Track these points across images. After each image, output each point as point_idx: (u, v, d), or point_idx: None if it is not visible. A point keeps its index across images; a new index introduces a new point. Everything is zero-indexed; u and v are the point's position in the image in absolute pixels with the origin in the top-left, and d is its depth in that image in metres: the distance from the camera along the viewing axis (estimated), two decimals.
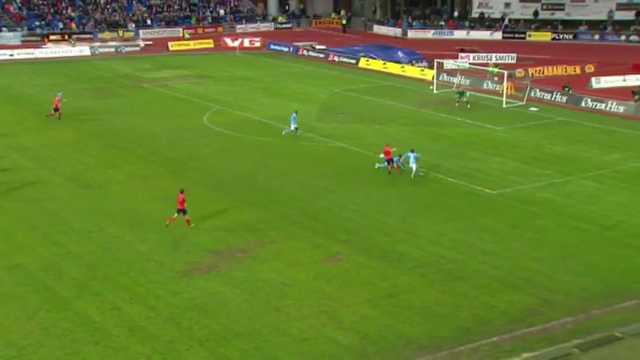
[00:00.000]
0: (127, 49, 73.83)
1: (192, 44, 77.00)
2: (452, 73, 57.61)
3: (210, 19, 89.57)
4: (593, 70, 61.23)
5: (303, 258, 24.96)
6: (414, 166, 32.92)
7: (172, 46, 75.90)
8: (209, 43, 77.59)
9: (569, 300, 22.25)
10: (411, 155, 32.99)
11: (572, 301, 22.15)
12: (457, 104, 47.65)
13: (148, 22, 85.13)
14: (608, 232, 27.46)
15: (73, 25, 79.85)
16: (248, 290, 22.66)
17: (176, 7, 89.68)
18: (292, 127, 39.83)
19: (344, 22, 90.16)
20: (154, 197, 30.80)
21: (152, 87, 55.43)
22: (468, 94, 47.86)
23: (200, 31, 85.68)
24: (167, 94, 52.49)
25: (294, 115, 40.15)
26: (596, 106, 48.30)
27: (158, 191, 31.55)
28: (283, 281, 23.24)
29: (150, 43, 77.45)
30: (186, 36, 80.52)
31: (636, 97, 49.28)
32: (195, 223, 27.67)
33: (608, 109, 47.61)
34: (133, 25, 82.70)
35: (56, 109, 43.69)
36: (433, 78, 55.56)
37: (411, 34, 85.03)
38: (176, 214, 27.23)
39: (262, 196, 31.07)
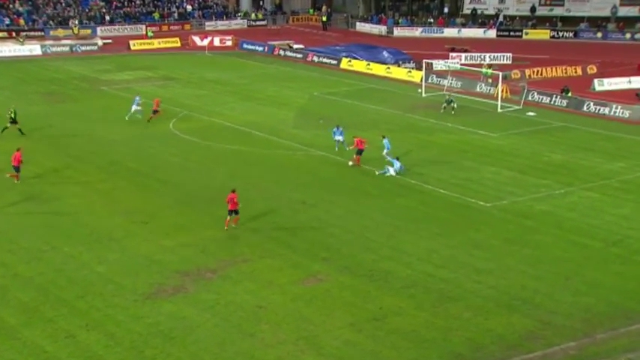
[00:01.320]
0: (83, 48, 73.57)
1: (157, 43, 76.89)
2: (442, 74, 58.08)
3: (176, 15, 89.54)
4: (595, 71, 62.01)
5: (280, 278, 24.93)
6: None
7: (134, 45, 75.75)
8: (175, 42, 77.53)
9: (571, 322, 22.41)
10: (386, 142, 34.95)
11: (575, 324, 22.32)
12: (443, 110, 47.99)
13: (107, 18, 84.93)
14: (612, 247, 27.75)
15: (22, 22, 79.40)
16: (219, 314, 22.59)
17: (138, 1, 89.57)
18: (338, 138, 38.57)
19: (324, 18, 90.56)
20: (114, 212, 30.64)
21: (112, 90, 55.24)
22: (454, 104, 47.98)
23: (165, 28, 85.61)
24: (128, 98, 52.28)
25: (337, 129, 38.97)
26: (599, 110, 48.90)
27: (118, 205, 31.40)
28: (258, 304, 23.19)
29: (109, 41, 77.23)
30: (150, 34, 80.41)
31: None
32: (159, 241, 27.56)
33: (612, 113, 48.22)
34: (90, 22, 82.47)
35: (156, 111, 44.59)
36: (421, 80, 55.98)
37: (397, 32, 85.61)
38: (229, 216, 28.44)
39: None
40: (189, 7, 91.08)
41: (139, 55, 72.14)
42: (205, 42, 76.13)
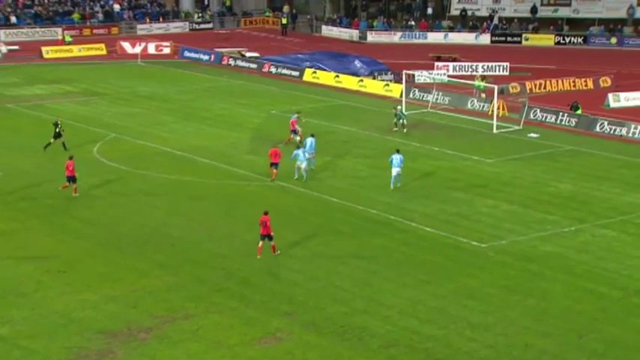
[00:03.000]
0: None
1: (76, 50, 76.71)
2: (426, 88, 58.62)
3: (100, 15, 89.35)
4: (609, 84, 63.00)
5: (231, 338, 24.74)
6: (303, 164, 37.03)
7: (48, 52, 75.45)
8: (100, 49, 77.36)
9: None
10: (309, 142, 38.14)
11: None
12: (396, 128, 48.42)
13: (13, 19, 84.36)
14: (634, 297, 27.97)
15: None
16: None
17: None
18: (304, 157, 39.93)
19: (284, 21, 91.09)
20: (23, 259, 30.27)
21: (20, 108, 54.82)
22: (404, 120, 48.38)
23: (87, 32, 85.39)
24: (41, 117, 51.86)
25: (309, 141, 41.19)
26: (614, 131, 49.65)
27: (29, 250, 31.05)
28: None
29: (15, 47, 76.83)
30: (68, 39, 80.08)
31: None
32: (79, 294, 27.23)
33: (630, 135, 48.96)
34: None
35: (294, 131, 45.13)
36: (401, 95, 56.45)
37: (372, 37, 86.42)
38: (261, 242, 29.83)
39: (175, 255, 30.83)
40: (116, 7, 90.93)
41: (54, 64, 71.78)
42: (137, 49, 76.01)
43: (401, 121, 48.62)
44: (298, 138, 43.93)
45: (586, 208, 36.48)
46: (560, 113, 52.16)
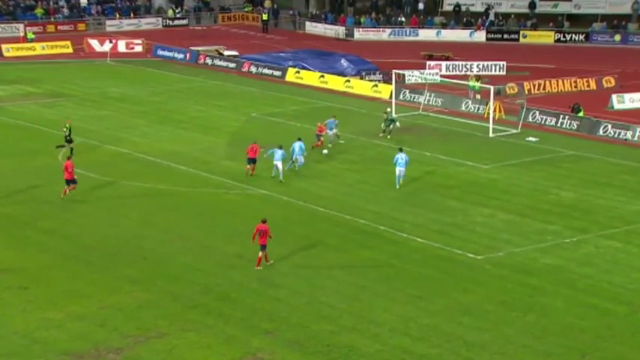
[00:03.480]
0: None
1: (40, 48, 76.57)
2: (417, 89, 58.71)
3: (66, 11, 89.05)
4: (613, 84, 63.29)
5: (208, 358, 24.64)
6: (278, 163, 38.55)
7: (8, 50, 75.24)
8: (66, 47, 77.18)
9: None
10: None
11: None
12: (382, 134, 48.39)
13: None
14: None
15: None
16: None
17: None
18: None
19: (265, 17, 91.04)
20: None
21: None
22: (397, 124, 48.35)
23: (51, 28, 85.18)
24: (1, 120, 51.67)
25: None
26: (619, 134, 49.84)
27: None
28: None
29: None
30: (30, 36, 79.95)
31: None
32: (43, 312, 27.04)
33: (636, 138, 49.13)
34: None
35: (319, 134, 45.85)
36: (391, 96, 56.52)
37: (359, 34, 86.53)
38: (260, 252, 30.44)
39: (147, 269, 30.72)
40: (83, 1, 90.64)
41: (15, 63, 71.54)
42: (107, 47, 75.91)
43: (391, 126, 48.38)
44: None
45: (589, 218, 36.59)
46: (561, 116, 52.33)
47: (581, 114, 52.36)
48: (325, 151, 44.31)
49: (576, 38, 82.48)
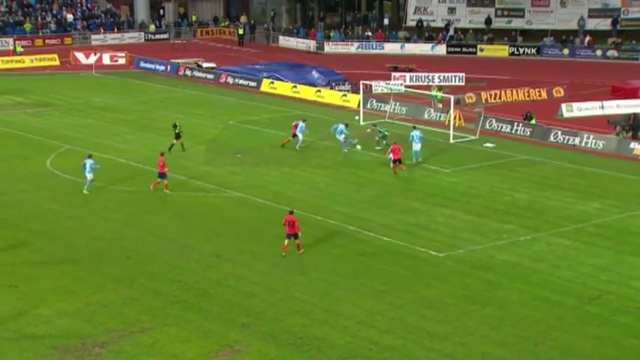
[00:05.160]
0: None
1: (28, 61, 76.15)
2: (383, 98, 58.88)
3: (53, 25, 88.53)
4: (562, 94, 63.79)
5: (188, 351, 24.58)
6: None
7: None
8: (52, 60, 76.78)
9: None
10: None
11: None
12: (379, 147, 47.99)
13: None
14: (589, 306, 28.24)
15: None
16: None
17: (3, 8, 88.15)
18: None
19: (240, 31, 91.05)
20: None
21: None
22: (384, 136, 48.09)
23: (39, 42, 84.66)
24: None
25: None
26: (568, 140, 50.24)
27: None
28: None
29: None
30: (19, 49, 79.56)
31: (618, 129, 51.46)
32: (32, 309, 26.87)
33: (583, 144, 49.57)
34: None
35: (295, 135, 46.88)
36: (359, 105, 56.61)
37: (329, 47, 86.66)
38: (287, 240, 31.19)
39: (130, 268, 30.60)
40: (69, 17, 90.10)
41: (5, 75, 71.07)
42: (92, 59, 75.50)
43: (384, 142, 46.92)
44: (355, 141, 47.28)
45: (541, 217, 36.82)
46: (515, 123, 52.65)
47: (533, 122, 52.72)
48: (358, 147, 47.06)
49: (529, 52, 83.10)
